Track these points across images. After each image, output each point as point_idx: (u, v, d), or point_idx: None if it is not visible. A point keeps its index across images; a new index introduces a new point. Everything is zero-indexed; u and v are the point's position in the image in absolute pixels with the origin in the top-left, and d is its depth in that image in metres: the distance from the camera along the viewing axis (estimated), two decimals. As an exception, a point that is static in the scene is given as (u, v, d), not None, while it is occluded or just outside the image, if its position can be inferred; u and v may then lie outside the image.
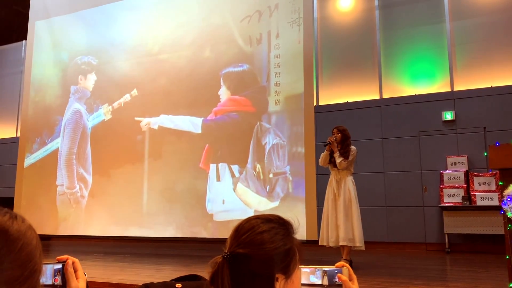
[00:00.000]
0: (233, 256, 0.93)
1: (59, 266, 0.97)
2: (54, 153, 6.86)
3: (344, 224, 4.36)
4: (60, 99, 7.06)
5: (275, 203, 5.36)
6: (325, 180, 4.74)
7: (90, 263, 4.87)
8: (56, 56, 7.25)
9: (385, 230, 6.25)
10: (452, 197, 5.80)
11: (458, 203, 5.73)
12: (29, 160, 7.15)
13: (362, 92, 6.66)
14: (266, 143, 5.55)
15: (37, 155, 7.09)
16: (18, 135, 9.05)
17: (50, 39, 7.37)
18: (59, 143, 6.90)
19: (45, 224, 6.56)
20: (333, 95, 6.84)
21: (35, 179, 6.99)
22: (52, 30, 7.37)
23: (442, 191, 5.85)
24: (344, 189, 4.48)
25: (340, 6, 7.00)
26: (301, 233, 5.07)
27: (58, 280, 0.96)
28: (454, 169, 5.92)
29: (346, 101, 6.70)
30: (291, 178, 5.31)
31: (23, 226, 0.65)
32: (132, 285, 3.51)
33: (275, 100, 5.58)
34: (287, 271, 0.96)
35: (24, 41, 9.61)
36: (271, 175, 5.44)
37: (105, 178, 6.42)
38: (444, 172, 5.93)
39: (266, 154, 5.51)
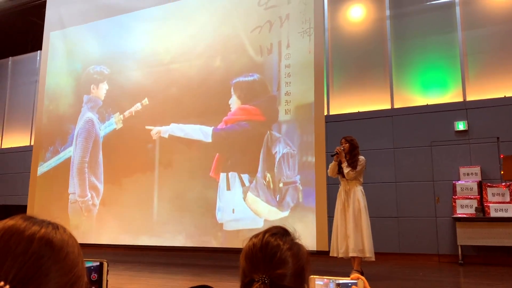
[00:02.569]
0: (272, 278, 0.95)
1: (97, 263, 1.10)
2: (67, 162, 6.94)
3: (354, 234, 4.31)
4: (73, 108, 7.16)
5: (285, 213, 5.33)
6: (336, 190, 4.70)
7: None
8: (70, 66, 7.36)
9: (396, 241, 6.17)
10: (465, 208, 5.71)
11: (471, 214, 5.64)
12: (42, 168, 7.24)
13: (373, 102, 6.63)
14: (276, 152, 5.55)
15: (50, 163, 7.18)
16: (32, 143, 9.18)
17: (65, 49, 7.50)
18: (71, 152, 6.98)
19: (56, 232, 6.62)
20: (344, 104, 6.82)
21: (48, 187, 7.07)
22: (66, 40, 7.50)
23: (455, 202, 5.77)
24: (353, 200, 4.44)
25: (351, 16, 7.01)
26: (311, 244, 5.06)
27: (96, 277, 1.09)
28: (467, 180, 5.84)
29: (357, 111, 6.67)
30: (301, 188, 5.29)
31: (65, 235, 0.69)
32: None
33: (285, 109, 5.58)
34: (307, 279, 1.01)
35: (39, 51, 9.79)
36: (281, 185, 5.42)
37: (116, 186, 6.46)
38: (456, 183, 5.85)
39: (276, 163, 5.50)
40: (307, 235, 5.11)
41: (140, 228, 6.18)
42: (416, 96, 6.46)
